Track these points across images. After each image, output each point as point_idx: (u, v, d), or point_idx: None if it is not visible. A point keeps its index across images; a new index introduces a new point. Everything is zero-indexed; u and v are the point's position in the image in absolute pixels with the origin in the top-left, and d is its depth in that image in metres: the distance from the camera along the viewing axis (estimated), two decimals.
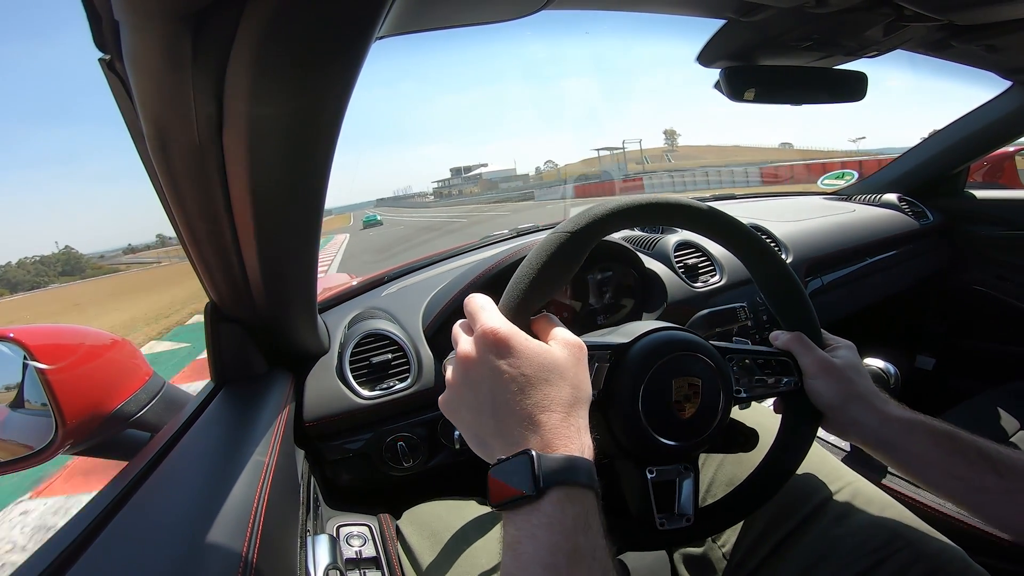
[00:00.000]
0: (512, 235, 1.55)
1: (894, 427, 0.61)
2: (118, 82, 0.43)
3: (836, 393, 0.64)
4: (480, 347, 0.49)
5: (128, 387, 0.80)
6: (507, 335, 0.48)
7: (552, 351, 0.50)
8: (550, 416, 0.45)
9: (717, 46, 0.97)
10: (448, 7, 0.59)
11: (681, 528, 0.62)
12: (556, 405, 0.46)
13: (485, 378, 0.48)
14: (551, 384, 0.47)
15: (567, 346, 0.51)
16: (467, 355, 0.50)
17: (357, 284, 1.32)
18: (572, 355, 0.50)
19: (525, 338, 0.49)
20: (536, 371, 0.47)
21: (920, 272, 1.79)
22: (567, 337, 0.52)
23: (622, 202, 0.60)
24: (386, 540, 0.78)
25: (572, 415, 0.47)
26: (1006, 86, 1.47)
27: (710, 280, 1.30)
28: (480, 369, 0.48)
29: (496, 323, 0.49)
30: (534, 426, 0.45)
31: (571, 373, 0.49)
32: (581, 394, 0.49)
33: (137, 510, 0.51)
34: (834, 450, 1.01)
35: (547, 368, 0.48)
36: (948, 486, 0.59)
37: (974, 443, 0.58)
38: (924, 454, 0.59)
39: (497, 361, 0.47)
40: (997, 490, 0.55)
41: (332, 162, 0.52)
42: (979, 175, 1.90)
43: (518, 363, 0.47)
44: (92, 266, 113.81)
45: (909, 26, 0.85)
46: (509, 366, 0.47)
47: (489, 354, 0.48)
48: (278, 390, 0.82)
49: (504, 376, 0.47)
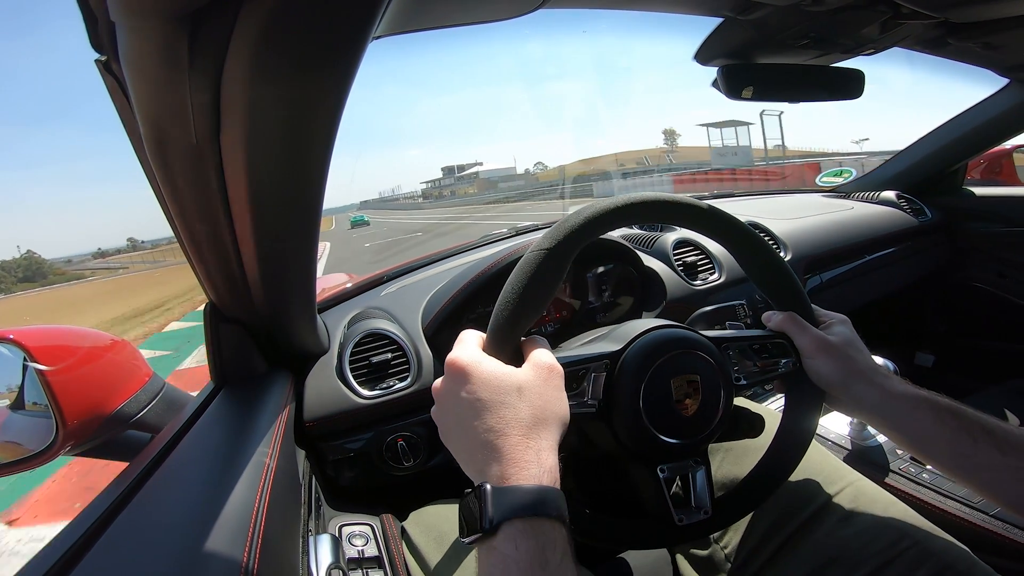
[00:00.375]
0: (511, 234, 1.55)
1: (898, 403, 0.61)
2: (115, 83, 0.43)
3: (836, 371, 0.64)
4: (445, 379, 0.52)
5: (128, 388, 0.80)
6: (465, 364, 0.50)
7: (513, 373, 0.50)
8: (506, 440, 0.46)
9: (714, 44, 0.98)
10: (445, 6, 0.59)
11: (700, 521, 0.63)
12: (512, 427, 0.47)
13: (450, 408, 0.51)
14: (507, 406, 0.48)
15: (535, 367, 0.51)
16: (436, 388, 0.53)
17: (356, 284, 1.32)
18: (538, 375, 0.51)
19: (485, 365, 0.50)
20: (492, 394, 0.48)
21: (919, 269, 1.79)
22: (539, 358, 0.52)
23: (597, 209, 0.59)
24: (389, 540, 0.78)
25: (532, 436, 0.47)
26: (1003, 83, 1.47)
27: (709, 278, 1.30)
28: (446, 399, 0.51)
29: (457, 354, 0.51)
30: (492, 452, 0.46)
31: (533, 393, 0.49)
32: (546, 414, 0.49)
33: (138, 511, 0.52)
34: (835, 449, 1.01)
35: (503, 391, 0.48)
36: (952, 463, 0.59)
37: (978, 419, 0.58)
38: (928, 430, 0.59)
39: (457, 390, 0.50)
40: (1001, 467, 0.55)
41: (330, 161, 0.52)
42: (977, 172, 1.90)
43: (474, 388, 0.49)
44: (55, 272, 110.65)
45: (906, 23, 0.85)
46: (466, 393, 0.49)
47: (451, 384, 0.51)
48: (278, 390, 0.82)
49: (463, 403, 0.49)
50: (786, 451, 0.67)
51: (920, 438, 0.60)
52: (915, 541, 0.62)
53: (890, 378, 0.64)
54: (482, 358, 0.51)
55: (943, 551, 0.61)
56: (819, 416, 0.67)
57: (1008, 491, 0.56)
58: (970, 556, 0.61)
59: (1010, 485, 0.55)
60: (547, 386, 0.51)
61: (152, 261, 67.11)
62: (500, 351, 0.54)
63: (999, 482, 0.56)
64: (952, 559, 0.60)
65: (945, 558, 0.60)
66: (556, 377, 0.52)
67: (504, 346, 0.55)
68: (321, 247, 10.68)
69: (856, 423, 1.03)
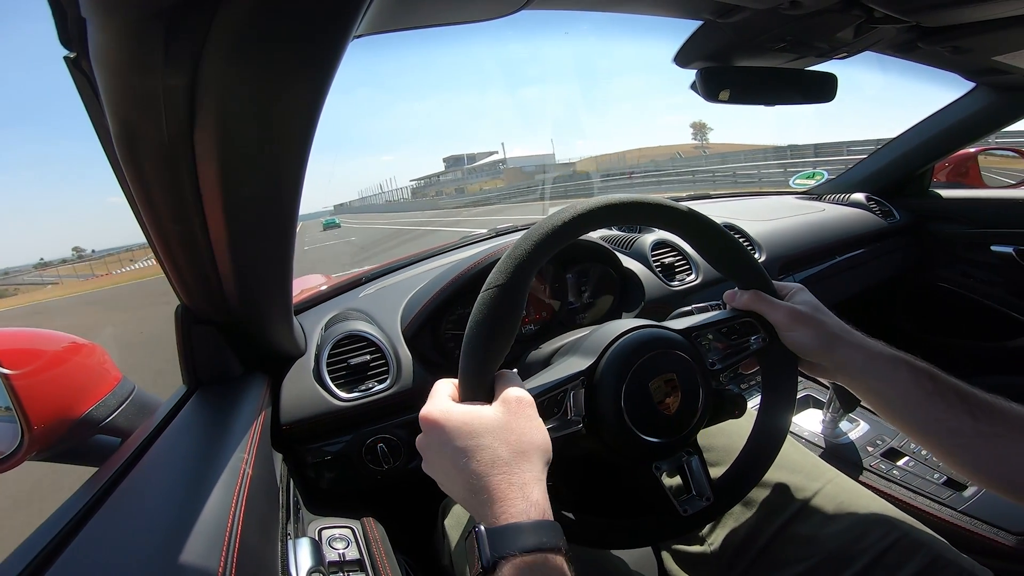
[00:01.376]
0: (491, 235, 1.55)
1: (879, 363, 0.62)
2: (84, 80, 0.42)
3: (815, 338, 0.65)
4: (423, 435, 0.54)
5: (97, 392, 0.78)
6: (436, 418, 0.51)
7: (483, 416, 0.51)
8: (490, 481, 0.47)
9: (694, 47, 0.99)
10: (429, 5, 0.58)
11: (704, 508, 0.64)
12: (493, 468, 0.47)
13: (434, 461, 0.53)
14: (484, 448, 0.48)
15: (504, 403, 0.52)
16: (419, 444, 0.55)
17: (334, 285, 1.30)
18: (508, 410, 0.51)
19: (455, 414, 0.51)
20: (467, 440, 0.49)
21: (888, 270, 1.84)
22: (507, 393, 0.53)
23: (546, 230, 0.58)
24: (370, 542, 0.77)
25: (515, 472, 0.47)
26: (970, 87, 1.51)
27: (686, 279, 1.32)
28: (428, 453, 0.53)
29: (428, 409, 0.53)
30: (480, 495, 0.47)
31: (506, 430, 0.50)
32: (523, 446, 0.49)
33: (108, 518, 0.50)
34: (810, 447, 1.03)
35: (477, 434, 0.49)
36: (925, 426, 0.59)
37: (953, 384, 0.59)
38: (907, 391, 0.60)
39: (436, 444, 0.51)
40: (971, 432, 0.56)
41: (307, 161, 0.51)
42: (944, 175, 1.95)
43: (449, 439, 0.50)
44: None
45: (878, 27, 0.87)
46: (444, 444, 0.50)
47: (428, 439, 0.53)
48: (254, 393, 0.81)
49: (444, 455, 0.50)
50: (774, 422, 0.68)
51: (897, 399, 0.61)
52: (903, 533, 0.63)
53: (868, 339, 0.65)
54: (451, 407, 0.52)
55: (930, 542, 0.63)
56: (796, 387, 0.69)
57: (976, 458, 0.57)
58: (951, 547, 0.62)
59: (979, 451, 0.57)
60: (519, 419, 0.51)
61: (86, 274, 62.25)
62: (475, 395, 0.55)
63: (968, 448, 0.57)
64: (940, 550, 0.62)
65: (933, 549, 0.62)
66: (527, 407, 0.52)
67: (478, 390, 0.55)
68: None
69: (829, 421, 1.05)
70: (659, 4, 0.83)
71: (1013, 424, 0.55)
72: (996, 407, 0.57)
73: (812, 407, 1.15)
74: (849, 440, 1.03)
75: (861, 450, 1.00)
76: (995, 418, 0.56)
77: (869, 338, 0.65)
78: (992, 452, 0.56)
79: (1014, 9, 0.82)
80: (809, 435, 1.07)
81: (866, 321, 2.03)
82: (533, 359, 0.80)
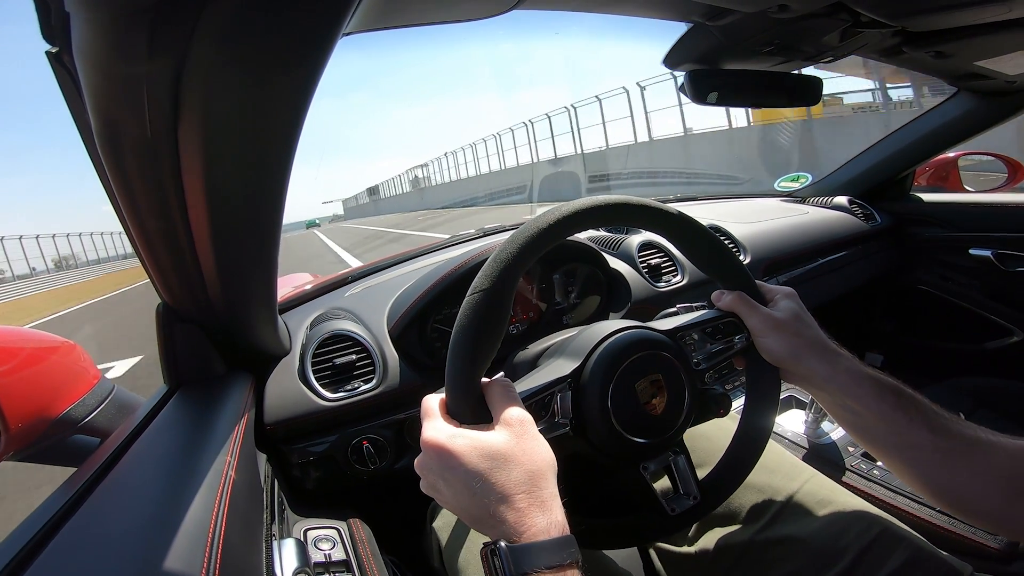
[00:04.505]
0: (479, 235, 1.55)
1: (844, 377, 0.63)
2: (66, 75, 0.41)
3: (786, 347, 0.65)
4: (426, 458, 0.52)
5: (75, 391, 0.77)
6: (443, 443, 0.50)
7: (491, 439, 0.50)
8: (510, 503, 0.46)
9: (683, 49, 0.99)
10: (419, 3, 0.58)
11: (691, 507, 0.65)
12: (512, 490, 0.47)
13: (442, 486, 0.51)
14: (501, 470, 0.48)
15: (506, 425, 0.51)
16: (421, 466, 0.53)
17: (319, 284, 1.29)
18: (514, 432, 0.51)
19: (461, 439, 0.50)
20: (480, 465, 0.48)
21: (869, 272, 1.86)
22: (507, 415, 0.52)
23: (532, 232, 0.57)
24: (356, 543, 0.77)
25: (533, 492, 0.47)
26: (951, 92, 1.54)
27: (672, 280, 1.33)
28: (434, 478, 0.52)
29: (430, 434, 0.51)
30: (500, 516, 0.46)
31: (518, 451, 0.49)
32: (536, 465, 0.49)
33: (87, 519, 0.49)
34: (792, 447, 1.05)
35: (490, 458, 0.49)
36: (887, 441, 0.61)
37: (915, 401, 0.61)
38: (869, 405, 0.61)
39: (444, 469, 0.50)
40: (928, 447, 0.58)
41: (293, 159, 0.50)
42: (924, 179, 1.98)
43: (460, 464, 0.49)
44: None
45: (864, 32, 0.88)
46: (454, 470, 0.49)
47: (435, 463, 0.51)
48: (237, 392, 0.80)
49: (455, 480, 0.49)
50: (758, 422, 0.69)
51: (860, 413, 0.62)
52: (883, 528, 0.65)
53: (839, 353, 0.66)
54: (455, 433, 0.51)
55: (910, 537, 0.64)
56: (780, 387, 0.69)
57: (929, 472, 0.59)
58: (929, 544, 0.64)
59: (933, 466, 0.58)
60: (526, 440, 0.51)
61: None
62: (464, 400, 0.54)
63: (924, 463, 0.59)
64: (920, 544, 0.63)
65: (913, 544, 0.63)
66: (530, 426, 0.52)
67: (467, 395, 0.54)
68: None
69: (811, 422, 1.06)
70: (649, 6, 0.83)
71: (964, 440, 0.57)
72: (953, 425, 0.59)
73: (795, 408, 1.16)
74: (831, 440, 1.04)
75: (843, 450, 1.01)
76: (950, 434, 0.58)
77: (843, 352, 0.66)
78: (944, 467, 0.58)
79: (996, 15, 0.84)
80: (792, 436, 1.08)
81: (847, 323, 2.06)
82: (520, 360, 0.80)
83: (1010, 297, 1.68)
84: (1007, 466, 0.55)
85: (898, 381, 0.63)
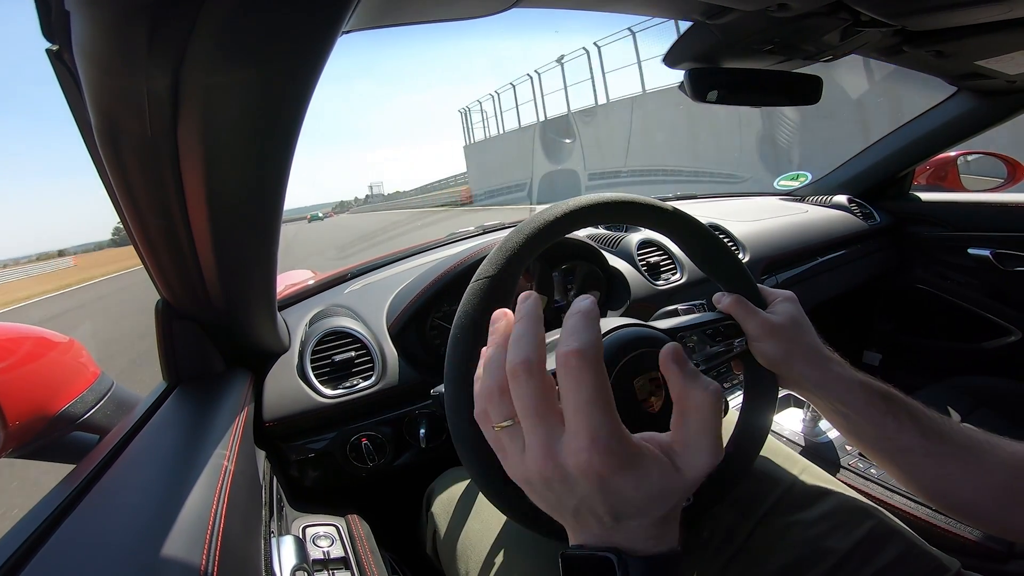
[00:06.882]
0: (477, 232, 1.55)
1: (835, 383, 0.64)
2: (66, 73, 0.41)
3: (780, 351, 0.66)
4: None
5: (74, 388, 0.77)
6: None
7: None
8: (641, 518, 0.40)
9: (683, 47, 0.99)
10: (419, 2, 0.58)
11: (684, 509, 0.64)
12: (645, 504, 0.39)
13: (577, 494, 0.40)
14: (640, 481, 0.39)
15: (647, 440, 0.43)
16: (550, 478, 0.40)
17: (318, 281, 1.29)
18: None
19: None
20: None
21: (868, 271, 1.87)
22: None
23: (538, 224, 0.57)
24: (355, 540, 0.77)
25: (658, 509, 0.40)
26: (951, 91, 1.54)
27: (671, 278, 1.33)
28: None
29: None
30: (622, 526, 0.40)
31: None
32: (668, 484, 0.40)
33: (86, 515, 0.49)
34: (790, 445, 1.05)
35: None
36: (878, 445, 0.62)
37: (905, 404, 0.61)
38: (860, 410, 0.62)
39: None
40: (920, 451, 0.58)
41: (293, 156, 0.50)
42: (924, 178, 1.98)
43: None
44: None
45: (864, 31, 0.88)
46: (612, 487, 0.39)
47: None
48: (236, 389, 0.80)
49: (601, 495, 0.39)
50: (755, 423, 0.69)
51: (851, 417, 0.63)
52: (877, 520, 0.65)
53: (832, 360, 0.66)
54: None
55: (902, 531, 0.65)
56: (777, 392, 0.69)
57: (922, 475, 0.59)
58: (920, 538, 0.65)
59: (924, 469, 0.59)
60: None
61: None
62: (463, 393, 0.52)
63: (916, 465, 0.59)
64: (911, 539, 0.64)
65: (905, 538, 0.64)
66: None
67: (466, 390, 0.52)
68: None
69: (808, 420, 1.06)
70: (649, 4, 0.83)
71: (957, 444, 0.58)
72: (944, 427, 0.59)
73: (792, 406, 1.17)
74: (828, 439, 1.04)
75: (840, 449, 1.01)
76: (942, 438, 0.58)
77: (835, 357, 0.67)
78: (935, 470, 0.58)
79: (997, 14, 0.84)
80: (789, 434, 1.08)
81: (846, 322, 2.06)
82: None
83: (1009, 296, 1.69)
84: (1000, 470, 0.55)
85: (889, 386, 0.63)
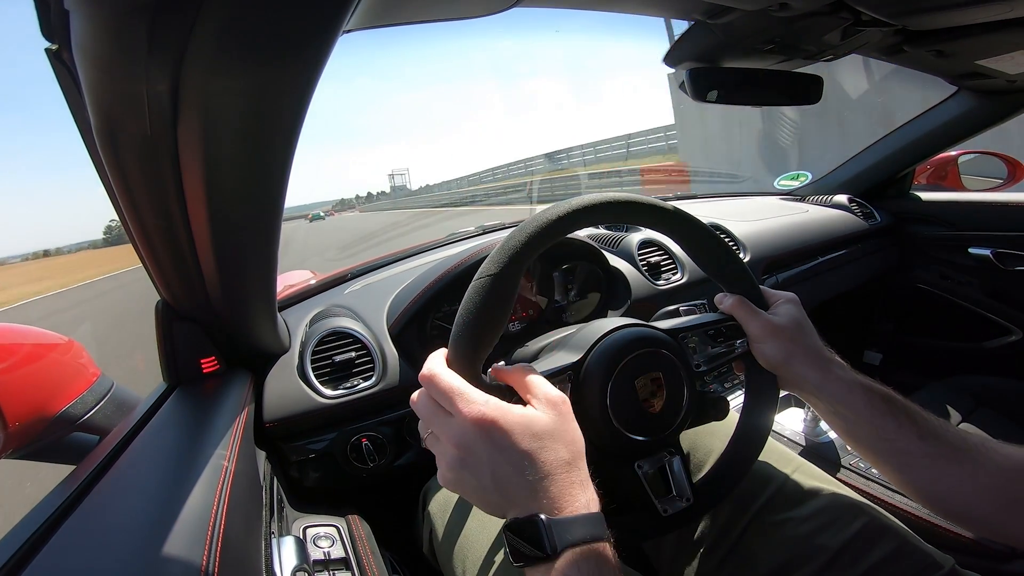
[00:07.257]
0: (477, 232, 1.55)
1: (835, 385, 0.64)
2: (65, 72, 0.41)
3: (781, 352, 0.66)
4: (472, 435, 0.49)
5: (74, 388, 0.77)
6: (494, 418, 0.48)
7: (538, 417, 0.50)
8: (553, 481, 0.47)
9: (683, 47, 0.99)
10: (419, 1, 0.58)
11: (684, 509, 0.64)
12: (556, 469, 0.47)
13: (484, 463, 0.48)
14: (547, 450, 0.48)
15: (551, 406, 0.51)
16: (460, 444, 0.49)
17: (319, 281, 1.29)
18: (559, 413, 0.51)
19: (512, 415, 0.49)
20: (530, 443, 0.48)
21: (869, 271, 1.86)
22: (548, 394, 0.52)
23: (540, 223, 0.57)
24: (355, 540, 0.77)
25: (572, 471, 0.48)
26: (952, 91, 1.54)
27: (672, 278, 1.33)
28: (478, 456, 0.49)
29: (477, 410, 0.49)
30: (541, 493, 0.46)
31: (561, 432, 0.50)
32: (576, 447, 0.50)
33: (86, 516, 0.49)
34: (790, 445, 1.05)
35: (539, 436, 0.48)
36: (877, 446, 0.62)
37: (905, 407, 0.61)
38: (859, 412, 0.62)
39: (492, 447, 0.48)
40: (918, 453, 0.59)
41: (293, 156, 0.50)
42: (924, 178, 1.98)
43: (511, 441, 0.48)
44: None
45: (865, 31, 0.88)
46: (504, 448, 0.48)
47: (482, 441, 0.48)
48: (236, 390, 0.80)
49: (502, 458, 0.48)
50: (755, 425, 0.69)
51: (851, 419, 0.63)
52: (870, 517, 0.66)
53: (832, 361, 0.66)
54: (504, 410, 0.49)
55: (895, 527, 0.65)
56: (778, 394, 0.69)
57: (918, 477, 0.60)
58: (914, 534, 0.65)
59: (921, 471, 0.59)
60: (569, 421, 0.52)
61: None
62: (468, 373, 0.53)
63: (913, 467, 0.60)
64: (905, 535, 0.64)
65: (899, 534, 0.64)
66: (567, 406, 0.53)
67: (467, 378, 0.53)
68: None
69: (810, 420, 1.06)
70: (650, 3, 0.83)
71: (954, 447, 0.58)
72: (941, 430, 0.59)
73: (793, 406, 1.16)
74: (829, 439, 1.04)
75: (840, 449, 1.01)
76: (941, 441, 0.58)
77: (836, 359, 0.67)
78: (931, 472, 0.58)
79: (997, 14, 0.83)
80: (790, 434, 1.08)
81: (846, 322, 2.06)
82: (519, 356, 0.80)
83: (1009, 296, 1.68)
84: (997, 473, 0.55)
85: (889, 388, 0.64)
